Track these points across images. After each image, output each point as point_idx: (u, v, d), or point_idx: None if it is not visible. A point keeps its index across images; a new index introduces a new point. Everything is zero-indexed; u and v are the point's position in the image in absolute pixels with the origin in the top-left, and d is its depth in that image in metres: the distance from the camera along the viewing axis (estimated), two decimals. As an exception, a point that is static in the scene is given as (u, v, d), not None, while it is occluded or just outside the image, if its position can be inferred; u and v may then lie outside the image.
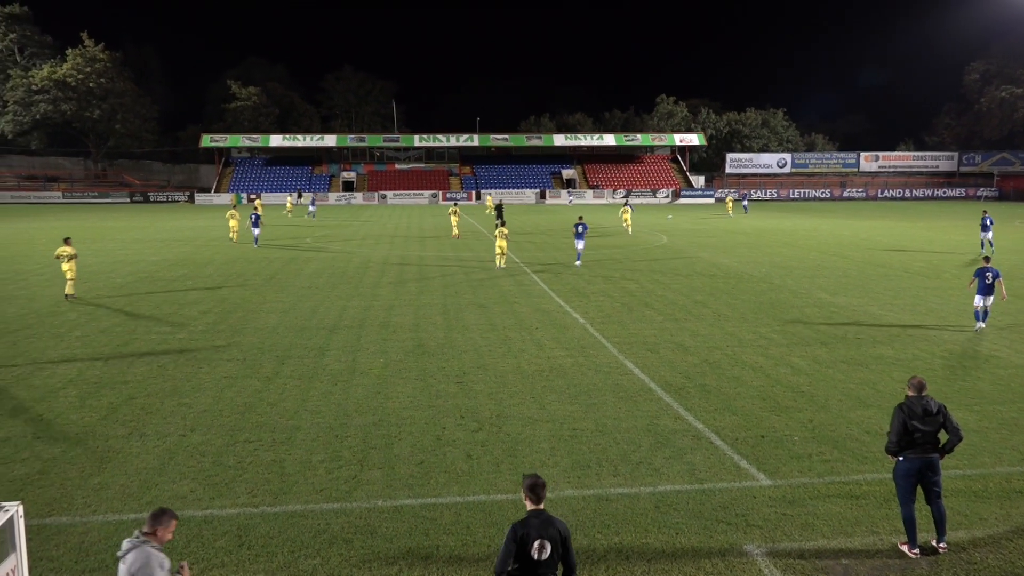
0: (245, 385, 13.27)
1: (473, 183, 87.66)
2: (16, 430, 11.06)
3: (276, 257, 31.40)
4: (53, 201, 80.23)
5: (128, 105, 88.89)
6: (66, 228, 46.44)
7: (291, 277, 25.84)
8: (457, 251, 33.59)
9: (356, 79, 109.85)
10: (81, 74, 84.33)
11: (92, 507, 8.61)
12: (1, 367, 14.38)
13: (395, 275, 26.37)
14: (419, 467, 9.74)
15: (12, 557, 5.26)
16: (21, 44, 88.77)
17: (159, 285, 24.11)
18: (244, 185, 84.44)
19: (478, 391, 12.95)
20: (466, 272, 26.97)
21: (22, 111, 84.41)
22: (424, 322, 18.49)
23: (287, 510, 8.55)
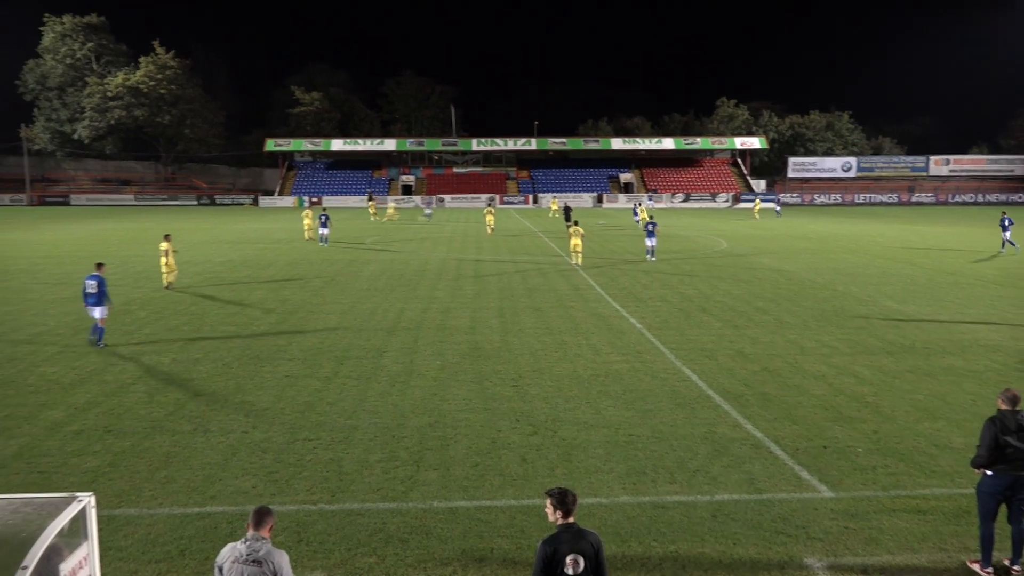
0: (305, 384, 13.53)
1: (530, 187, 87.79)
2: (89, 423, 11.50)
3: (337, 259, 31.96)
4: (126, 203, 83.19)
5: (197, 111, 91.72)
6: (137, 230, 48.14)
7: (351, 279, 26.27)
8: (513, 254, 33.68)
9: (416, 84, 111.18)
10: (153, 81, 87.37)
11: (159, 500, 8.89)
12: (76, 362, 14.98)
13: (452, 278, 26.57)
14: (474, 469, 9.78)
15: (84, 546, 5.46)
16: (98, 52, 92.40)
17: (224, 285, 24.78)
18: (306, 188, 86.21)
19: (533, 395, 12.95)
20: (522, 276, 27.02)
21: (98, 117, 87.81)
22: (480, 325, 18.59)
23: (344, 508, 8.69)
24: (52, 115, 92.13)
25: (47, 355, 15.57)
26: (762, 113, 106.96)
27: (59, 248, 36.53)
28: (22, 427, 11.30)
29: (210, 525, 8.25)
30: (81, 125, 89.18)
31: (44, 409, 12.13)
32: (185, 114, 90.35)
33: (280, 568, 5.30)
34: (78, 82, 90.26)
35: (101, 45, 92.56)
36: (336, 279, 26.23)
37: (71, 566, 5.27)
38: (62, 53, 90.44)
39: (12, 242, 39.70)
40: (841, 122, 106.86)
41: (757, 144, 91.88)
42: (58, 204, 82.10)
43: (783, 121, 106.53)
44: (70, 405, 12.34)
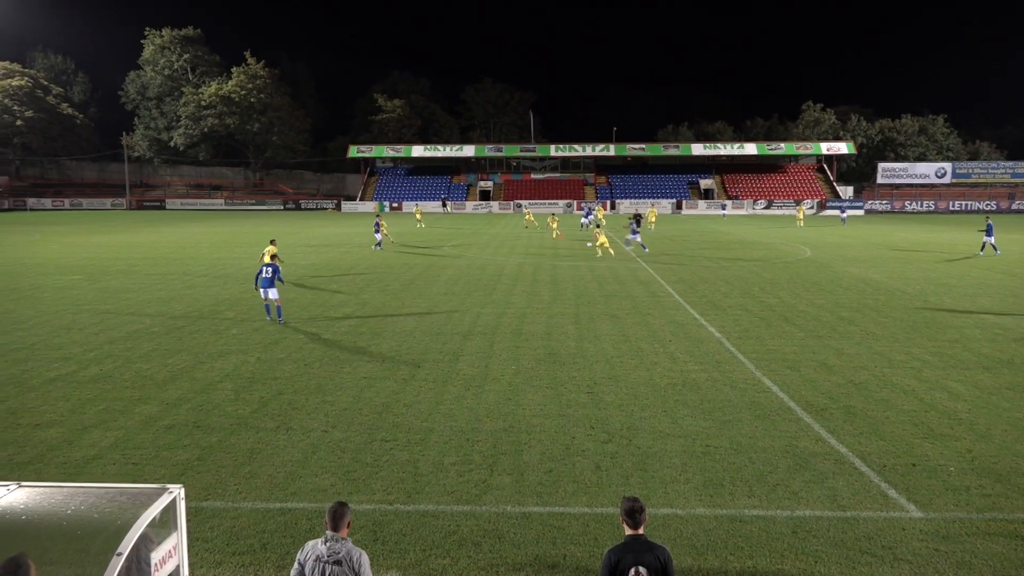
0: (383, 386, 13.78)
1: (608, 193, 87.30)
2: (180, 418, 12.01)
3: (415, 263, 32.47)
4: (216, 208, 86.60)
5: (284, 118, 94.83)
6: (227, 233, 50.01)
7: (428, 283, 26.64)
8: (590, 261, 33.53)
9: (495, 90, 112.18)
10: (244, 90, 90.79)
11: (243, 494, 9.19)
12: (168, 360, 15.66)
13: (528, 283, 26.64)
14: (548, 475, 9.77)
15: (174, 536, 5.69)
16: (193, 63, 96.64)
17: (307, 288, 25.49)
18: (387, 194, 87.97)
19: (609, 402, 12.85)
20: (599, 282, 26.86)
21: (192, 125, 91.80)
22: (556, 331, 18.57)
23: (419, 509, 8.80)
24: (150, 124, 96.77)
25: (142, 352, 16.33)
26: (850, 117, 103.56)
27: (155, 250, 38.29)
28: (118, 420, 11.88)
29: (291, 520, 8.49)
30: (177, 133, 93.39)
31: (139, 404, 12.72)
32: (273, 122, 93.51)
33: (361, 568, 5.41)
34: (175, 92, 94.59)
35: (196, 56, 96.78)
36: (414, 283, 26.65)
37: (161, 555, 5.50)
38: (161, 64, 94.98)
39: (112, 244, 41.82)
40: (935, 126, 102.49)
41: (844, 149, 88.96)
42: (154, 208, 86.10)
43: (872, 125, 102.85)
44: (162, 400, 12.91)
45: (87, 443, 10.90)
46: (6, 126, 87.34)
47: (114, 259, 33.93)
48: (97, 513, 5.43)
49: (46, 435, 11.22)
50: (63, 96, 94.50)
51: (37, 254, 36.20)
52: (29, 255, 35.72)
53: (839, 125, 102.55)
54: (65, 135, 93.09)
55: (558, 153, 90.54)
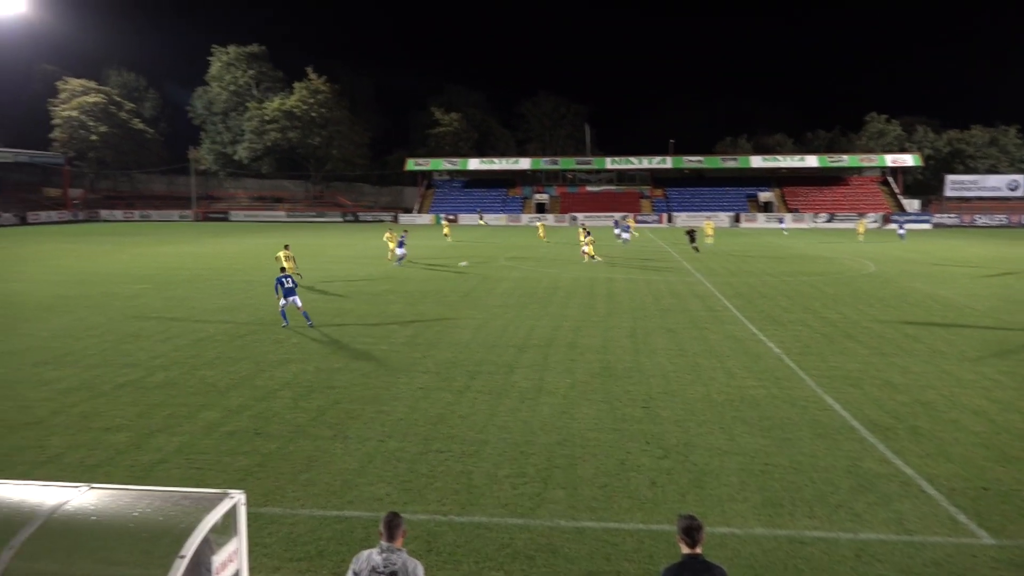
0: (438, 397, 13.88)
1: (665, 206, 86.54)
2: (241, 424, 12.29)
3: (471, 275, 32.67)
4: (278, 220, 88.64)
5: (344, 132, 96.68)
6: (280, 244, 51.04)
7: (484, 295, 26.76)
8: (646, 274, 33.25)
9: (550, 103, 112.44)
10: (305, 105, 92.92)
11: (301, 501, 9.35)
12: (231, 368, 16.06)
13: (584, 296, 26.54)
14: (602, 490, 9.69)
15: (234, 540, 5.82)
16: (258, 79, 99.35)
17: (366, 299, 25.86)
18: (444, 206, 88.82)
19: (664, 417, 12.69)
20: (655, 296, 26.61)
21: (256, 139, 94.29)
22: (611, 344, 18.44)
23: (473, 521, 8.82)
24: (216, 138, 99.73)
25: (206, 359, 16.78)
26: (916, 128, 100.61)
27: (219, 260, 39.36)
28: (183, 425, 12.22)
29: (347, 529, 8.59)
30: (241, 147, 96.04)
31: (202, 410, 13.06)
32: (333, 135, 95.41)
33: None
34: (239, 107, 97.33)
35: (261, 72, 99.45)
36: (470, 295, 26.81)
37: (222, 559, 5.63)
38: (227, 81, 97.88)
39: (179, 254, 43.15)
40: (1007, 137, 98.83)
41: (910, 161, 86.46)
42: (219, 220, 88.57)
43: (940, 137, 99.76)
44: (225, 407, 13.24)
45: (153, 447, 11.23)
46: (82, 141, 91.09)
47: (180, 269, 34.98)
48: (162, 516, 5.59)
49: (115, 439, 11.60)
50: (135, 112, 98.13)
51: (109, 263, 37.57)
52: (101, 264, 37.09)
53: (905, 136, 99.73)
54: (136, 149, 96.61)
55: (614, 166, 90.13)
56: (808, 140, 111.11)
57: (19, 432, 11.92)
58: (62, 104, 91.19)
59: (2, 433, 11.87)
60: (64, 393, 14.09)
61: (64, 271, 33.83)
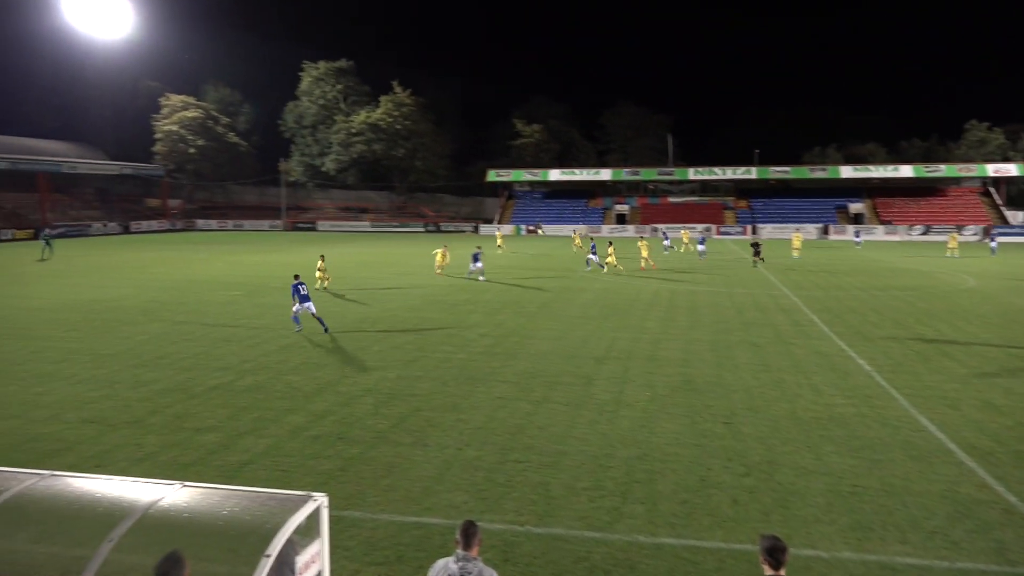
0: (516, 407, 13.90)
1: (749, 217, 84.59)
2: (325, 429, 12.60)
3: (551, 286, 32.67)
4: (363, 230, 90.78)
5: (428, 144, 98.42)
6: (371, 254, 52.26)
7: (564, 306, 26.71)
8: (730, 286, 32.54)
9: (632, 114, 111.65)
10: (390, 117, 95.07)
11: (381, 506, 9.50)
12: (315, 373, 16.50)
13: (664, 308, 26.17)
14: (682, 506, 9.50)
15: (317, 543, 5.96)
16: (345, 93, 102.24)
17: (445, 308, 26.19)
18: (524, 217, 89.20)
19: (747, 434, 12.37)
20: (738, 309, 26.01)
21: (343, 151, 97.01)
22: (693, 358, 18.11)
23: (550, 532, 8.78)
24: (305, 150, 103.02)
25: (292, 365, 17.30)
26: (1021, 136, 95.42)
27: (306, 269, 40.50)
28: (269, 428, 12.62)
29: (425, 535, 8.69)
30: (328, 159, 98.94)
31: (288, 414, 13.46)
32: (417, 147, 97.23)
33: None
34: (328, 120, 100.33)
35: (348, 87, 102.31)
36: (549, 306, 26.80)
37: (305, 559, 5.77)
38: (316, 95, 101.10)
39: (269, 263, 44.68)
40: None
41: (1014, 171, 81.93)
42: (307, 229, 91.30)
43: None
44: (309, 412, 13.60)
45: (241, 448, 11.64)
46: (181, 154, 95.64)
47: (270, 276, 36.21)
48: (249, 516, 5.77)
49: (206, 439, 12.07)
50: (230, 126, 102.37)
51: (203, 271, 39.23)
52: (197, 272, 38.76)
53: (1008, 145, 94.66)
54: (231, 162, 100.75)
55: (697, 176, 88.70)
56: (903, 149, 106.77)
57: (119, 430, 12.54)
58: (164, 119, 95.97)
59: (104, 431, 12.52)
60: (160, 394, 14.76)
61: (162, 278, 35.50)
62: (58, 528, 6.45)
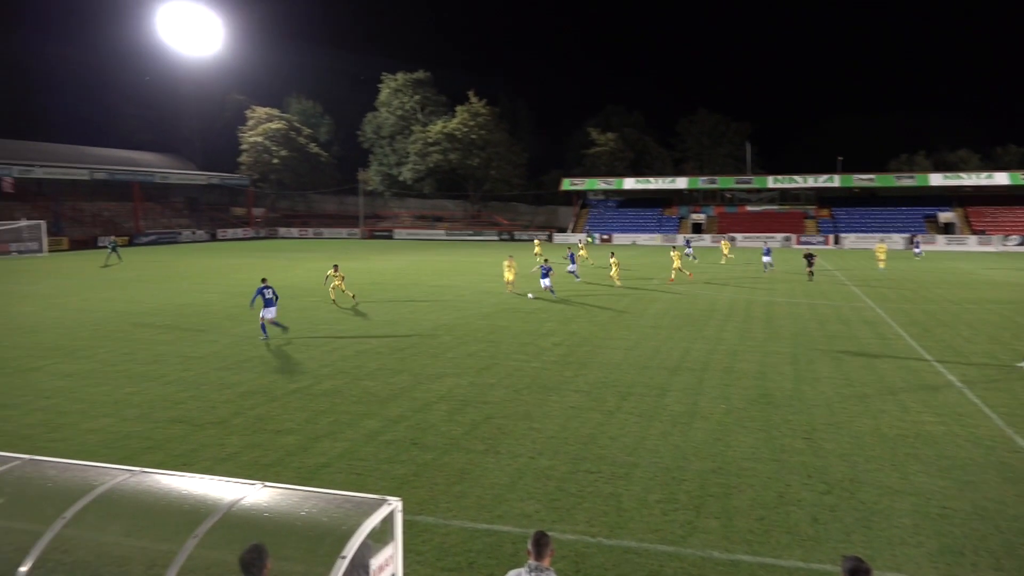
0: (589, 417, 13.82)
1: (831, 226, 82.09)
2: (399, 434, 12.80)
3: (623, 296, 32.40)
4: (438, 238, 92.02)
5: (502, 153, 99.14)
6: (446, 262, 52.86)
7: (637, 316, 26.45)
8: (810, 297, 31.62)
9: (709, 121, 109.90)
10: (466, 127, 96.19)
11: (453, 512, 9.58)
12: (391, 379, 16.78)
13: (741, 319, 25.62)
14: (759, 523, 9.26)
15: (391, 546, 6.04)
16: (423, 104, 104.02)
17: (518, 316, 26.26)
18: (598, 225, 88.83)
19: (828, 450, 11.97)
20: (820, 321, 25.23)
21: (419, 161, 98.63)
22: (771, 371, 17.66)
23: (622, 544, 8.68)
24: (383, 160, 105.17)
25: (368, 370, 17.64)
26: None
27: (382, 276, 41.34)
28: (345, 432, 12.89)
29: (496, 543, 8.71)
30: (405, 168, 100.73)
31: (364, 418, 13.72)
32: (492, 157, 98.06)
33: None
34: (405, 130, 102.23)
35: (425, 97, 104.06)
36: (622, 315, 26.58)
37: (379, 563, 5.86)
38: (394, 106, 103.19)
39: (346, 270, 45.61)
40: None
41: (1121, 178, 77.13)
42: (384, 237, 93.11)
43: None
44: (384, 417, 13.84)
45: (318, 451, 11.92)
46: (265, 164, 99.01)
47: (348, 283, 36.98)
48: (326, 517, 5.91)
49: (285, 441, 12.42)
50: (311, 137, 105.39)
51: (284, 277, 40.41)
52: (278, 278, 39.93)
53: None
54: (312, 172, 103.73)
55: (776, 185, 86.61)
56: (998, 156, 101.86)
57: (205, 430, 13.03)
58: (249, 131, 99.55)
59: (191, 430, 13.02)
60: (243, 396, 15.27)
61: (246, 284, 36.70)
62: (147, 523, 6.74)
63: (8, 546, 6.60)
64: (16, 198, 73.17)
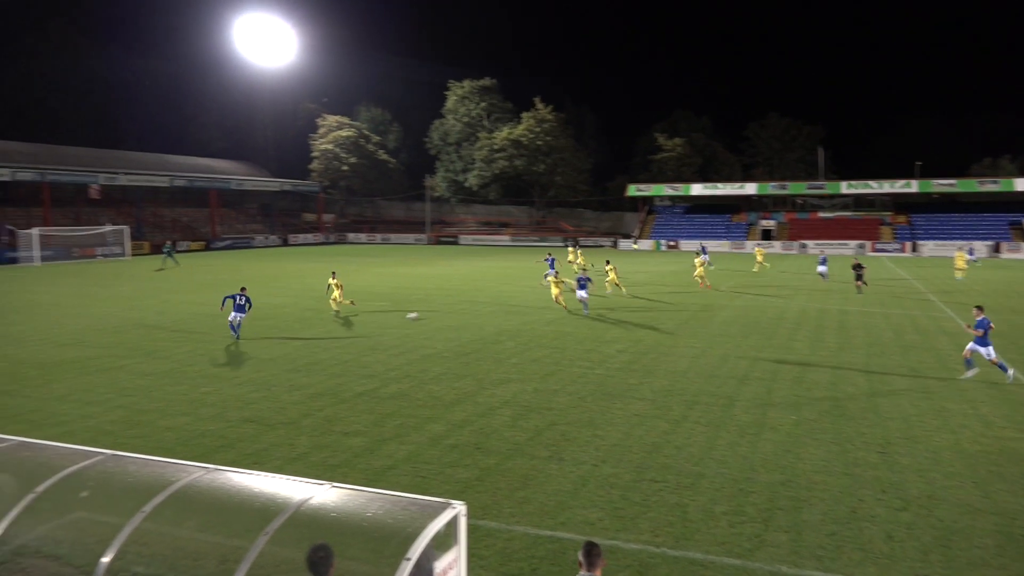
0: (653, 425, 13.66)
1: (908, 233, 79.29)
2: (463, 439, 12.88)
3: (690, 303, 31.94)
4: (502, 244, 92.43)
5: (567, 159, 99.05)
6: (510, 268, 53.04)
7: (704, 324, 26.03)
8: (885, 307, 30.58)
9: (780, 126, 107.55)
10: (532, 133, 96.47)
11: (516, 518, 9.59)
12: (455, 383, 16.92)
13: (812, 328, 24.94)
14: (830, 538, 8.99)
15: (455, 550, 6.09)
16: (489, 111, 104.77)
17: (583, 323, 26.14)
18: (664, 232, 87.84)
19: (904, 465, 11.55)
20: (896, 332, 24.38)
21: (485, 167, 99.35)
22: (843, 381, 17.14)
23: (687, 556, 8.54)
24: (450, 166, 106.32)
25: (433, 375, 17.82)
26: None
27: (448, 281, 41.74)
28: (411, 435, 13.05)
29: (559, 549, 8.68)
30: (471, 175, 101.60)
31: (428, 422, 13.87)
32: (557, 163, 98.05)
33: None
34: (471, 137, 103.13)
35: (492, 104, 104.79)
36: (689, 323, 26.19)
37: (442, 566, 5.90)
38: (460, 113, 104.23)
39: (413, 275, 46.34)
40: None
41: None
42: (449, 243, 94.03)
43: None
44: (449, 421, 13.95)
45: (384, 454, 12.10)
46: (335, 171, 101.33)
47: (414, 288, 37.53)
48: (391, 519, 5.99)
49: (352, 443, 12.64)
50: (380, 144, 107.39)
51: (353, 282, 41.16)
52: (347, 283, 40.70)
53: None
54: (380, 178, 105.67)
55: (850, 190, 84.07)
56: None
57: (275, 430, 13.37)
58: (320, 138, 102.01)
59: (262, 430, 13.38)
60: (312, 398, 15.61)
61: (315, 288, 37.56)
62: (220, 519, 6.96)
63: (91, 537, 6.90)
64: (102, 204, 76.63)
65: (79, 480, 6.68)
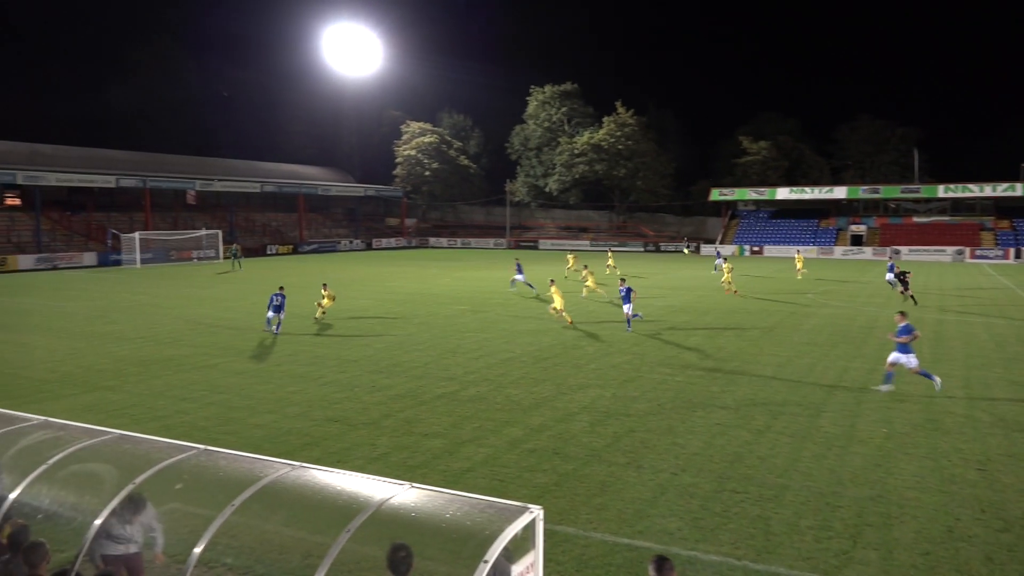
0: (735, 435, 13.36)
1: (1012, 239, 75.12)
2: (541, 443, 12.89)
3: (775, 310, 31.10)
4: (582, 248, 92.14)
5: (649, 164, 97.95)
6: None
7: (789, 331, 25.30)
8: (986, 315, 29.04)
9: (872, 128, 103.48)
10: (612, 138, 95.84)
11: (593, 524, 9.52)
12: (534, 388, 16.94)
13: (906, 338, 23.87)
14: (923, 558, 8.59)
15: (532, 554, 6.09)
16: (569, 115, 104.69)
17: (664, 329, 25.79)
18: (748, 238, 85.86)
19: (1007, 484, 10.94)
20: (998, 343, 23.12)
21: (565, 172, 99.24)
22: (939, 393, 16.36)
23: (769, 570, 8.31)
24: (530, 171, 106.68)
25: (512, 379, 17.90)
26: None
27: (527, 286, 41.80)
28: (489, 439, 13.13)
29: (636, 558, 8.57)
30: (551, 179, 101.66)
31: (506, 426, 13.93)
32: (638, 167, 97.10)
33: None
34: (552, 142, 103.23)
35: (572, 109, 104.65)
36: (774, 330, 25.51)
37: (519, 570, 5.91)
38: (541, 118, 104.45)
39: (493, 279, 46.65)
40: None
41: None
42: (529, 248, 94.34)
43: None
44: (527, 425, 13.98)
45: (463, 456, 12.21)
46: (417, 177, 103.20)
47: (494, 293, 37.78)
48: (469, 521, 6.03)
49: (432, 444, 12.82)
50: (461, 150, 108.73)
51: (434, 286, 41.81)
52: (428, 286, 41.40)
53: None
54: (461, 183, 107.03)
55: (947, 194, 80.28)
56: None
57: (358, 430, 13.68)
58: (403, 144, 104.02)
59: (345, 430, 13.72)
60: (393, 399, 15.91)
61: (397, 291, 38.32)
62: (304, 515, 7.16)
63: (184, 528, 7.22)
64: (197, 209, 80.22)
65: (174, 473, 6.99)
